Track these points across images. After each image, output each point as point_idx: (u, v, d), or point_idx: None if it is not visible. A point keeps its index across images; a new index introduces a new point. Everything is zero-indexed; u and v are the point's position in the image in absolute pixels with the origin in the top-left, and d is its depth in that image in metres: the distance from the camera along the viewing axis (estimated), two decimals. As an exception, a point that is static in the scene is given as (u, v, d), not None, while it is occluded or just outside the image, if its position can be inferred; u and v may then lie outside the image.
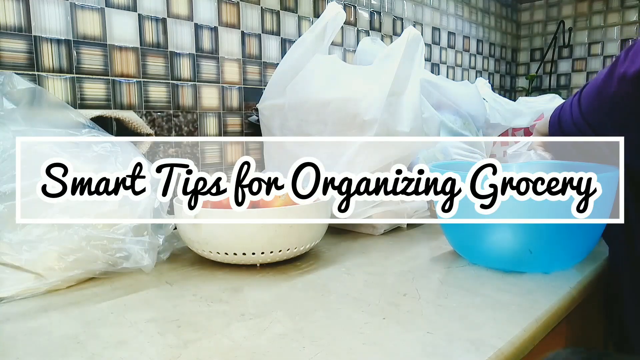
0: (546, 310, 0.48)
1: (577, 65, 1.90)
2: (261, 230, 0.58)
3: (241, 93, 0.95)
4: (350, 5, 1.19)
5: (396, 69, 0.72)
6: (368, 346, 0.41)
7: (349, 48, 1.20)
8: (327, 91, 0.77)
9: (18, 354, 0.40)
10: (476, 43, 1.74)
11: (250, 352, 0.39)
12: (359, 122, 0.74)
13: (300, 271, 0.61)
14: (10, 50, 0.67)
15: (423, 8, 1.45)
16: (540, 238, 0.56)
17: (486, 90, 1.24)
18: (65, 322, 0.46)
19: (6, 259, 0.52)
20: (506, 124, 1.16)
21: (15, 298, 0.51)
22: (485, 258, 0.61)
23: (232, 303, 0.50)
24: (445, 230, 0.66)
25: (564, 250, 0.58)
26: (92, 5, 0.74)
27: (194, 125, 0.88)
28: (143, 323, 0.45)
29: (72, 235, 0.54)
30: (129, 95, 0.79)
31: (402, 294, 0.52)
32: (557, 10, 1.94)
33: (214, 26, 0.90)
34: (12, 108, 0.60)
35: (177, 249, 0.69)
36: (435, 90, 1.06)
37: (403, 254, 0.69)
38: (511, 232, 0.57)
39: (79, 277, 0.56)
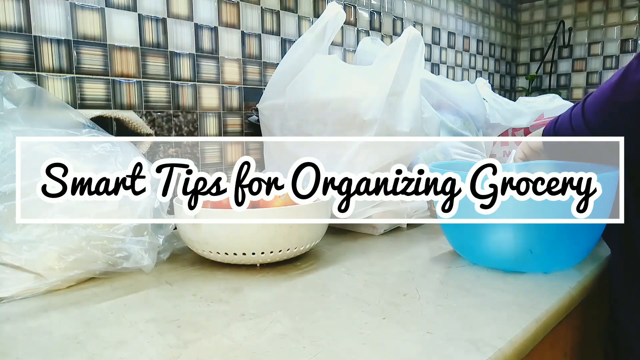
0: (546, 310, 0.48)
1: (577, 65, 1.90)
2: (261, 230, 0.58)
3: (241, 93, 0.95)
4: (350, 5, 1.19)
5: (396, 69, 0.72)
6: (368, 346, 0.41)
7: (349, 48, 1.20)
8: (327, 91, 0.77)
9: (18, 354, 0.40)
10: (476, 43, 1.74)
11: (250, 352, 0.40)
12: (359, 122, 0.74)
13: (300, 271, 0.61)
14: (10, 50, 0.67)
15: (423, 8, 1.45)
16: (540, 238, 0.57)
17: (486, 90, 1.24)
18: (65, 322, 0.46)
19: (6, 259, 0.52)
20: (506, 124, 1.16)
21: (15, 298, 0.51)
22: (485, 258, 0.61)
23: (232, 303, 0.50)
24: (445, 230, 0.66)
25: (564, 251, 0.58)
26: (92, 5, 0.74)
27: (194, 125, 0.88)
28: (143, 323, 0.45)
29: (72, 235, 0.54)
30: (129, 95, 0.79)
31: (402, 294, 0.52)
32: (557, 10, 1.94)
33: (214, 26, 0.90)
34: (12, 108, 0.60)
35: (177, 249, 0.69)
36: (435, 90, 1.06)
37: (403, 254, 0.69)
38: (511, 232, 0.57)
39: (79, 277, 0.56)
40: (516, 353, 0.41)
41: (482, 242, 0.60)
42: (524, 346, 0.43)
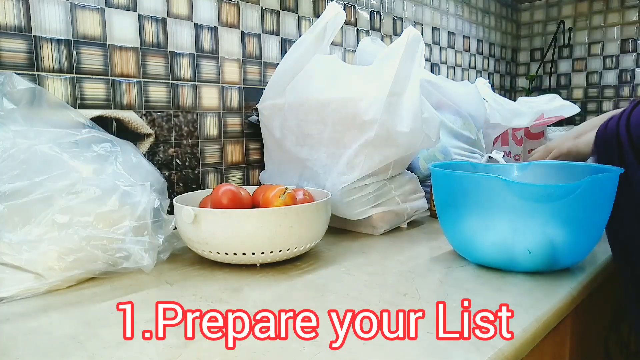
0: (546, 310, 0.48)
1: (577, 65, 1.90)
2: (261, 230, 0.58)
3: (241, 93, 0.95)
4: (350, 5, 1.19)
5: (396, 69, 0.72)
6: (368, 346, 0.41)
7: (349, 48, 1.20)
8: (327, 91, 0.77)
9: (18, 354, 0.40)
10: (476, 43, 1.74)
11: (250, 352, 0.40)
12: (359, 122, 0.74)
13: (300, 271, 0.61)
14: (10, 50, 0.67)
15: (423, 8, 1.45)
16: (540, 238, 0.56)
17: (486, 90, 1.24)
18: (65, 322, 0.46)
19: (6, 259, 0.52)
20: (506, 124, 1.16)
21: (15, 298, 0.51)
22: (485, 258, 0.61)
23: (232, 303, 0.50)
24: (445, 230, 0.66)
25: (564, 250, 0.58)
26: (92, 5, 0.74)
27: (194, 125, 0.88)
28: (143, 323, 0.45)
29: (72, 235, 0.54)
30: (129, 95, 0.79)
31: (402, 294, 0.52)
32: (557, 10, 1.94)
33: (214, 26, 0.90)
34: (12, 108, 0.60)
35: (177, 249, 0.69)
36: (435, 90, 1.06)
37: (403, 254, 0.69)
38: (511, 233, 0.57)
39: (79, 277, 0.56)
40: (516, 353, 0.41)
41: (482, 242, 0.60)
42: (524, 346, 0.43)
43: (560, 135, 0.87)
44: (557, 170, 0.71)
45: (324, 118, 0.77)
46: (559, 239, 0.56)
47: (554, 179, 0.71)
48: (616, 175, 0.57)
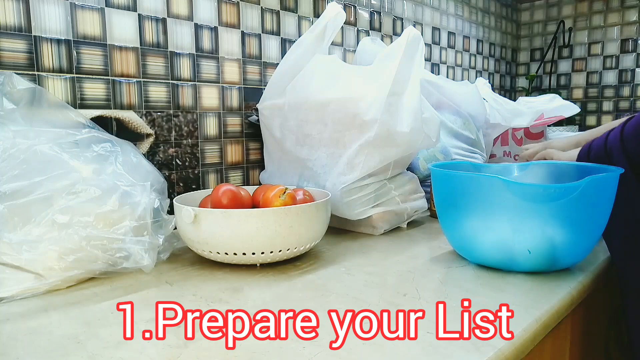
0: (546, 310, 0.48)
1: (577, 65, 1.90)
2: (261, 230, 0.58)
3: (241, 93, 0.95)
4: (350, 5, 1.19)
5: (396, 69, 0.72)
6: (368, 346, 0.41)
7: (349, 48, 1.20)
8: (327, 91, 0.77)
9: (18, 354, 0.40)
10: (476, 43, 1.74)
11: (250, 352, 0.40)
12: (359, 122, 0.74)
13: (300, 271, 0.61)
14: (10, 50, 0.67)
15: (423, 8, 1.45)
16: (540, 238, 0.56)
17: (486, 90, 1.24)
18: (65, 322, 0.46)
19: (6, 259, 0.52)
20: (506, 124, 1.16)
21: (15, 298, 0.51)
22: (485, 258, 0.61)
23: (232, 303, 0.50)
24: (445, 230, 0.66)
25: (563, 251, 0.58)
26: (92, 5, 0.74)
27: (194, 125, 0.88)
28: (143, 323, 0.45)
29: (72, 235, 0.54)
30: (129, 95, 0.79)
31: (402, 294, 0.52)
32: (557, 10, 1.94)
33: (214, 26, 0.90)
34: (12, 108, 0.60)
35: (177, 249, 0.69)
36: (435, 90, 1.06)
37: (403, 254, 0.69)
38: (511, 233, 0.57)
39: (79, 277, 0.56)
40: (516, 353, 0.41)
41: (482, 242, 0.60)
42: (524, 346, 0.43)
43: (561, 139, 0.87)
44: (557, 170, 0.71)
45: (324, 118, 0.77)
46: (559, 239, 0.56)
47: (554, 179, 0.71)
48: (616, 175, 0.57)
